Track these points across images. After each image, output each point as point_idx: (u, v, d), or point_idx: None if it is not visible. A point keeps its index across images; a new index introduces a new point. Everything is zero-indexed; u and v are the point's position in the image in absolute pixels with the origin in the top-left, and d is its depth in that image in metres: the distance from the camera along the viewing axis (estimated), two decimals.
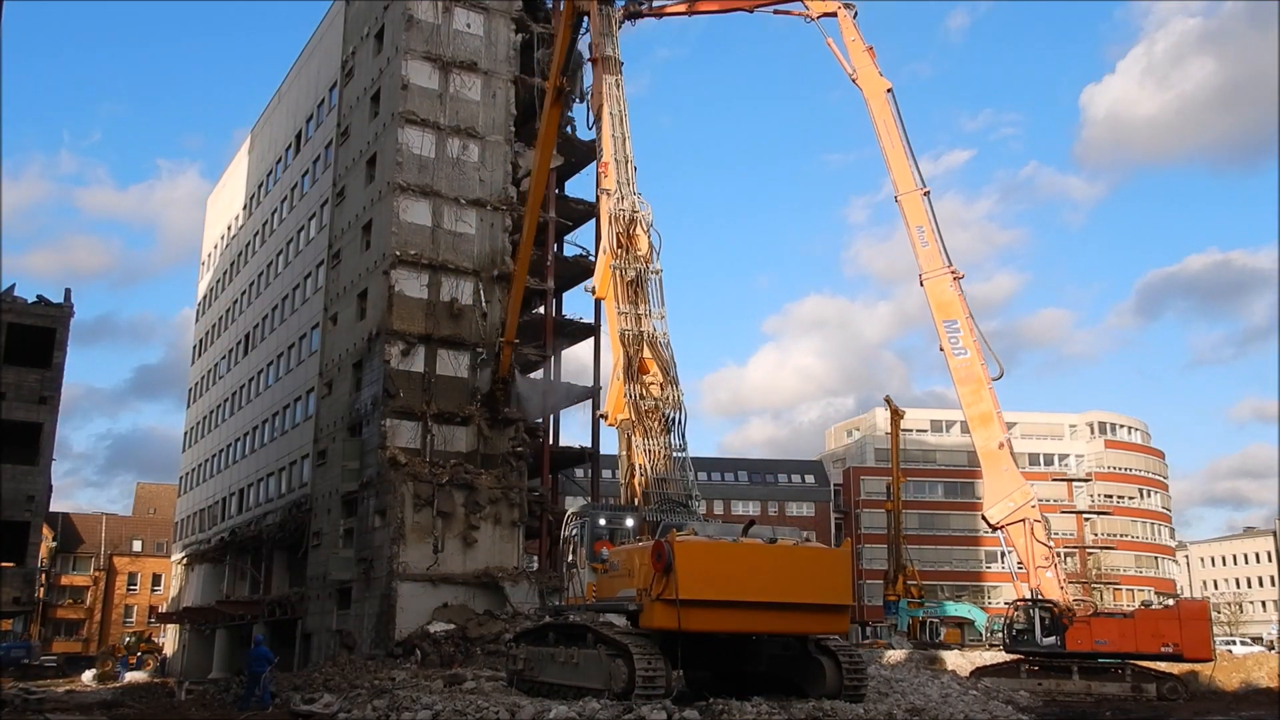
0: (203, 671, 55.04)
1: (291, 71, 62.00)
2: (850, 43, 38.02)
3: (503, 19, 45.84)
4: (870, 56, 37.60)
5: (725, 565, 19.83)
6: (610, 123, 30.81)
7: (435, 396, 40.87)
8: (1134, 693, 32.97)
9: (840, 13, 38.15)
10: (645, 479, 26.77)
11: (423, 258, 41.91)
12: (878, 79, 37.46)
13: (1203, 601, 42.32)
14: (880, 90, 37.36)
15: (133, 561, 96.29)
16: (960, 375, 35.90)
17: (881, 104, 37.28)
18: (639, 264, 28.93)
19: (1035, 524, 34.56)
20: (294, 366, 53.11)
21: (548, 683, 22.60)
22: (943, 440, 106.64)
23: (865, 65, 37.63)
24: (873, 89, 37.52)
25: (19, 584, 32.12)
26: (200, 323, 77.08)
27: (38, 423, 32.02)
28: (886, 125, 37.18)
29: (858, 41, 37.88)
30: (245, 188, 68.74)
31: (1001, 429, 35.86)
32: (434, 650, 33.88)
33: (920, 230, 36.53)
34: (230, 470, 61.89)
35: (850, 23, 38.10)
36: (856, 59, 37.84)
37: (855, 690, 20.78)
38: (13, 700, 29.46)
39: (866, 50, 37.67)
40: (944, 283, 36.04)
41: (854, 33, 37.99)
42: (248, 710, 24.11)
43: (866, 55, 37.65)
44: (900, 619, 69.50)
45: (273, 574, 52.33)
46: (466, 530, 39.47)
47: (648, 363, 28.25)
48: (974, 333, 35.73)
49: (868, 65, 37.60)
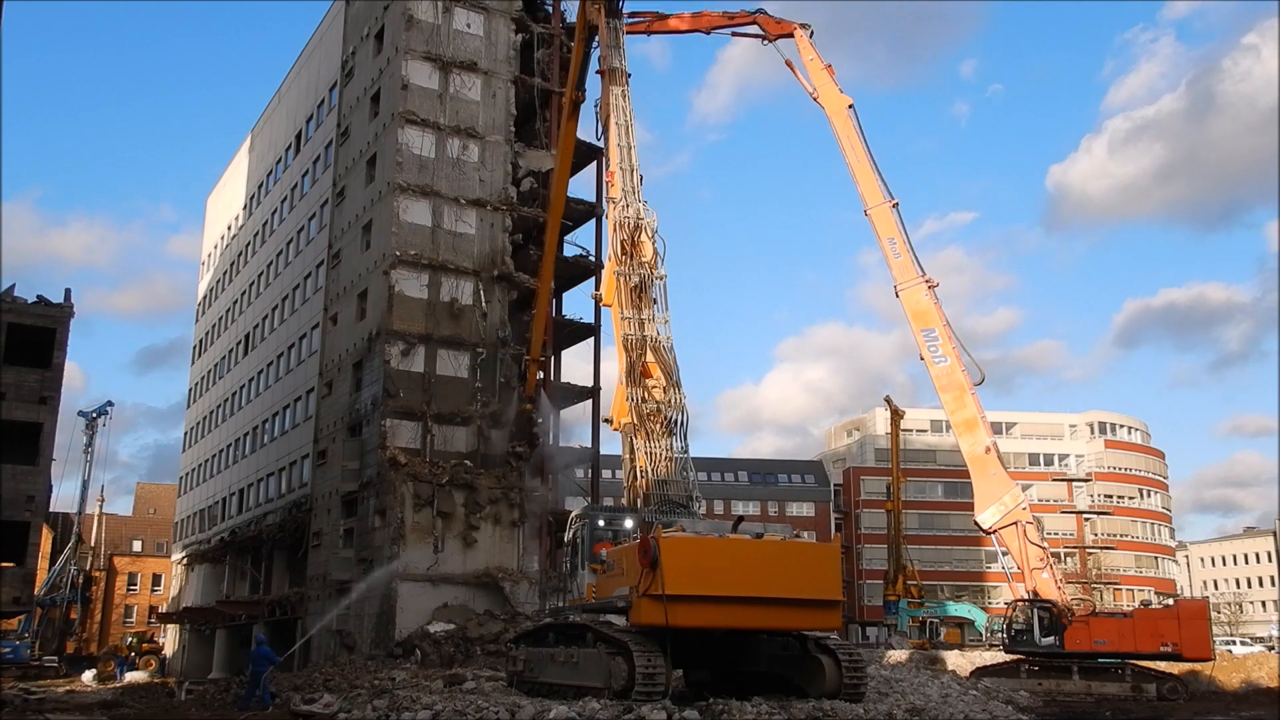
0: (203, 671, 55.09)
1: (291, 72, 62.02)
2: (809, 62, 38.25)
3: (503, 19, 45.86)
4: (829, 74, 37.86)
5: (712, 560, 19.84)
6: (616, 132, 30.93)
7: (435, 396, 40.89)
8: (1134, 693, 32.98)
9: (796, 33, 38.45)
10: (647, 481, 26.81)
11: (423, 258, 41.93)
12: (838, 96, 37.69)
13: (1202, 601, 42.32)
14: (841, 107, 37.61)
15: (133, 561, 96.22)
16: (942, 383, 36.05)
17: (844, 120, 37.50)
18: (643, 270, 29.02)
19: (1028, 525, 34.59)
20: (294, 366, 53.13)
21: (547, 683, 22.65)
22: (943, 440, 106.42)
23: (825, 83, 37.88)
24: (834, 106, 37.77)
25: (19, 584, 32.13)
26: (200, 323, 77.10)
27: (38, 423, 32.01)
28: (850, 141, 37.42)
29: (816, 61, 38.08)
30: (245, 188, 68.76)
31: (987, 433, 35.95)
32: (434, 650, 33.91)
33: (892, 242, 36.77)
34: (230, 470, 61.91)
35: (807, 43, 38.37)
36: (816, 77, 38.08)
37: (855, 690, 20.78)
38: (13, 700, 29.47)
39: (825, 69, 37.91)
40: (919, 292, 36.20)
41: (811, 52, 38.24)
42: (248, 710, 24.11)
43: (825, 73, 37.89)
44: (900, 619, 69.53)
45: (273, 574, 52.36)
46: (466, 530, 39.49)
47: (651, 367, 28.34)
48: (952, 340, 35.88)
49: (827, 83, 37.84)
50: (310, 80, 57.45)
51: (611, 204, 30.51)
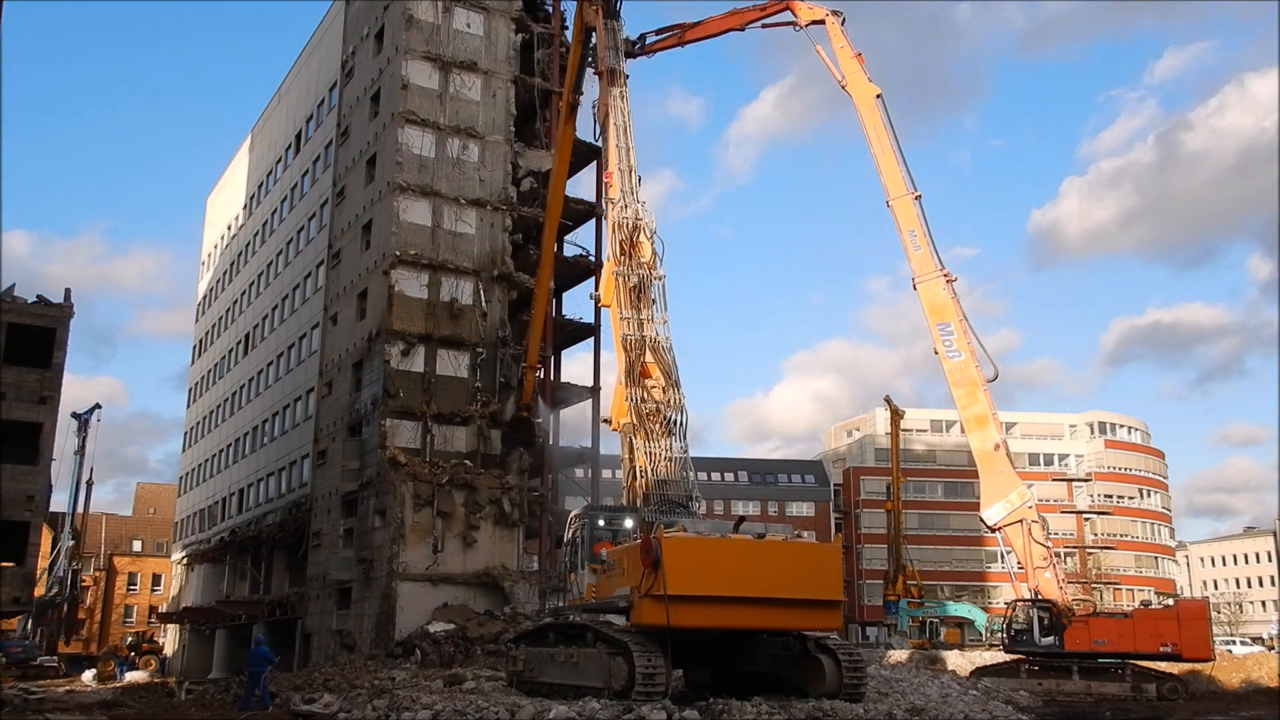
0: (203, 671, 55.08)
1: (291, 72, 62.02)
2: (839, 49, 38.11)
3: (503, 19, 45.86)
4: (859, 63, 37.67)
5: (714, 561, 19.85)
6: (615, 134, 30.90)
7: (435, 396, 40.89)
8: (1134, 693, 32.95)
9: (828, 20, 38.27)
10: (646, 481, 26.81)
11: (423, 258, 41.92)
12: (866, 85, 37.52)
13: (1201, 601, 42.32)
14: (869, 96, 37.45)
15: (133, 561, 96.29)
16: (955, 378, 35.87)
17: (871, 109, 37.36)
18: (642, 270, 29.01)
19: (1033, 524, 34.54)
20: (294, 366, 53.14)
21: (547, 683, 22.65)
22: (943, 440, 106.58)
23: (854, 71, 37.71)
24: (862, 95, 37.61)
25: (19, 584, 32.12)
26: (200, 323, 77.11)
27: (38, 423, 32.00)
28: (876, 130, 37.26)
29: (846, 48, 37.94)
30: (245, 188, 68.77)
31: (997, 430, 35.83)
32: (434, 650, 33.90)
33: (912, 234, 36.59)
34: (230, 470, 61.92)
35: (838, 29, 38.21)
36: (845, 65, 37.92)
37: (855, 690, 20.79)
38: (13, 700, 29.47)
39: (855, 57, 37.73)
40: (937, 285, 36.04)
41: (842, 39, 38.08)
42: (248, 710, 24.11)
43: (855, 62, 37.71)
44: (900, 619, 69.53)
45: (273, 574, 52.36)
46: (466, 530, 39.49)
47: (650, 367, 28.32)
48: (968, 335, 35.66)
49: (856, 71, 37.68)
50: (310, 80, 57.45)
51: (610, 205, 30.52)
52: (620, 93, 31.34)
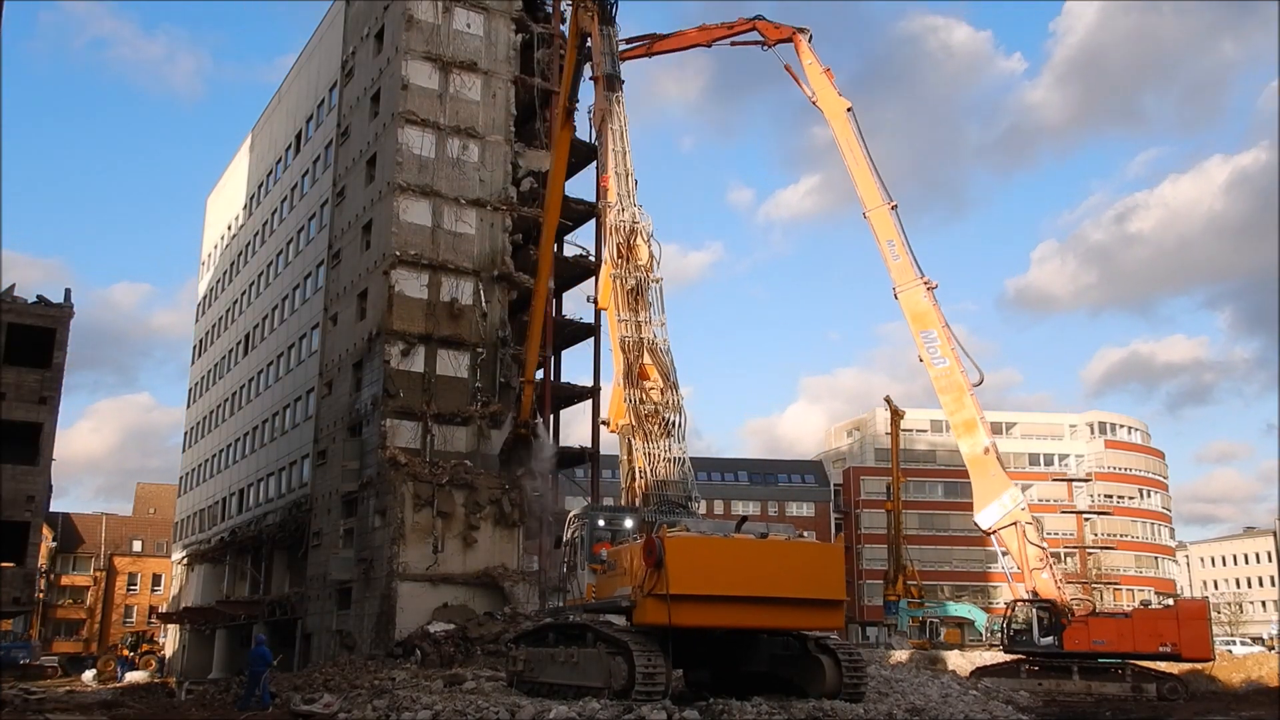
0: (203, 671, 55.08)
1: (291, 72, 62.04)
2: (808, 66, 38.55)
3: (503, 19, 45.87)
4: (829, 78, 38.15)
5: (716, 560, 19.89)
6: (612, 138, 30.96)
7: (435, 396, 40.90)
8: (1134, 693, 32.98)
9: (795, 38, 38.71)
10: (645, 482, 26.84)
11: (423, 258, 41.93)
12: (837, 99, 37.91)
13: (1202, 601, 42.34)
14: (840, 110, 37.84)
15: (133, 561, 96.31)
16: (941, 384, 36.16)
17: (843, 123, 37.75)
18: (639, 273, 29.06)
19: (1027, 526, 34.63)
20: (294, 366, 53.15)
21: (547, 683, 22.66)
22: (943, 440, 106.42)
23: (824, 87, 38.13)
24: (833, 109, 37.99)
25: (19, 584, 32.10)
26: (200, 323, 77.11)
27: (38, 423, 32.01)
28: (849, 144, 37.65)
29: (815, 65, 38.36)
30: (245, 188, 68.78)
31: (987, 433, 36.03)
32: (434, 650, 33.88)
33: (890, 244, 36.94)
34: (230, 470, 61.93)
35: (806, 47, 38.64)
36: (815, 81, 38.33)
37: (855, 690, 20.81)
38: (13, 700, 29.49)
39: (824, 72, 38.19)
40: (917, 294, 36.33)
41: (810, 56, 38.51)
42: (248, 710, 24.12)
43: (824, 77, 38.14)
44: (900, 619, 69.55)
45: (273, 574, 52.37)
46: (466, 530, 39.48)
47: (648, 369, 28.37)
48: (951, 341, 36.00)
49: (826, 87, 38.08)
50: (310, 80, 57.46)
51: (607, 208, 30.56)
52: (616, 97, 31.39)
